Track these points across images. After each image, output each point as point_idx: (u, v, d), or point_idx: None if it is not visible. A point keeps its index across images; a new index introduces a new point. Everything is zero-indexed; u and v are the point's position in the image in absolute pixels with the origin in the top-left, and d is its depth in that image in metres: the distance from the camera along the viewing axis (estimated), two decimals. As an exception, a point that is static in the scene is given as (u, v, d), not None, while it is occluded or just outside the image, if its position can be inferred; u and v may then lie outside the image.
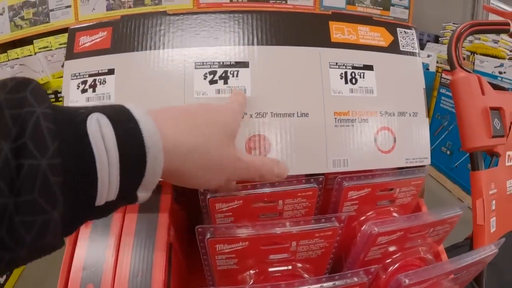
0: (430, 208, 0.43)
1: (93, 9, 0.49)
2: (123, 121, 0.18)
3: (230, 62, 0.38)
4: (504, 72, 1.41)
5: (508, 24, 0.49)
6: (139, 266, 0.35)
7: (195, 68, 0.38)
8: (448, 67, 1.66)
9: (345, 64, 0.40)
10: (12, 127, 0.14)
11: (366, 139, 0.39)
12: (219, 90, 0.37)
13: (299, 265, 0.34)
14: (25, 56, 1.33)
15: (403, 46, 0.43)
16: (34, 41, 1.45)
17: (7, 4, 1.50)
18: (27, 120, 0.14)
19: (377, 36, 0.42)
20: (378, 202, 0.41)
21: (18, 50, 1.37)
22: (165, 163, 0.20)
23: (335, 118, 0.38)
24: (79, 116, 0.17)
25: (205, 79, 0.38)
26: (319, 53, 0.39)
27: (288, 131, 0.37)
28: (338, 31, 0.41)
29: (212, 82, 0.38)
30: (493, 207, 0.46)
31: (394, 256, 0.37)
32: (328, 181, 0.42)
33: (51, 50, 1.27)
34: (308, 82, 0.39)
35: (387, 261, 0.37)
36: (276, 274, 0.34)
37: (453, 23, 2.23)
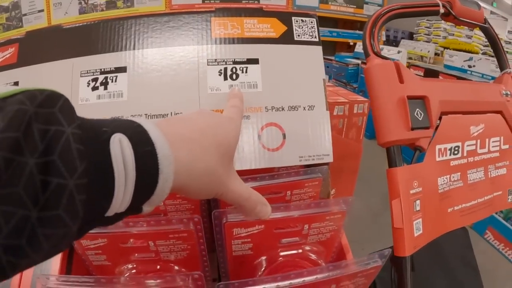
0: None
1: (66, 13, 0.52)
2: (141, 143, 0.19)
3: (110, 68, 0.39)
4: (474, 66, 1.33)
5: (437, 5, 0.43)
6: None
7: (81, 76, 0.40)
8: (417, 62, 1.56)
9: (225, 60, 0.39)
10: (39, 142, 0.14)
11: (248, 137, 0.38)
12: (99, 95, 0.39)
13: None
14: None
15: (298, 35, 0.40)
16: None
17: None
18: (57, 139, 0.15)
19: (266, 27, 0.40)
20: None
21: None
22: (174, 183, 0.21)
23: (212, 117, 0.37)
24: (103, 135, 0.18)
25: (88, 86, 0.39)
26: (197, 52, 0.39)
27: (163, 132, 0.37)
28: (220, 26, 0.39)
29: (94, 88, 0.39)
30: (417, 208, 0.41)
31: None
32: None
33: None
34: (185, 81, 0.38)
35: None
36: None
37: (427, 20, 2.14)
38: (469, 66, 1.43)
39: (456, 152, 0.44)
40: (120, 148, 0.18)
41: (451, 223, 0.44)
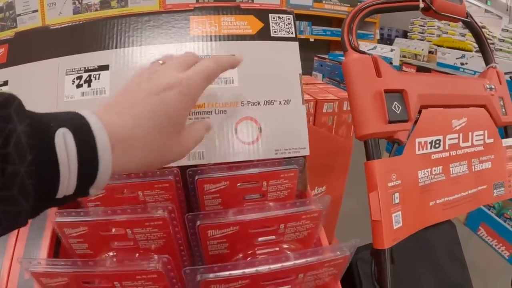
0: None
1: (60, 13, 0.53)
2: (83, 136, 0.22)
3: (93, 66, 0.41)
4: (466, 63, 1.34)
5: (417, 0, 0.44)
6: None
7: (66, 74, 0.41)
8: (410, 60, 1.58)
9: (203, 57, 0.39)
10: None
11: (224, 130, 0.38)
12: (83, 93, 0.40)
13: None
14: None
15: (275, 31, 0.41)
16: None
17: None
18: (11, 135, 0.19)
19: (243, 24, 0.41)
20: (246, 195, 0.40)
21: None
22: (114, 166, 0.24)
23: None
24: (50, 129, 0.21)
25: (73, 83, 0.41)
26: (176, 50, 0.40)
27: (142, 127, 0.38)
28: (199, 25, 0.41)
29: (79, 86, 0.41)
30: (396, 201, 0.41)
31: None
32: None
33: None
34: (164, 78, 0.39)
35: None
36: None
37: (421, 18, 2.18)
38: (462, 64, 1.46)
39: (437, 145, 0.44)
40: (64, 141, 0.21)
41: (433, 216, 0.44)
